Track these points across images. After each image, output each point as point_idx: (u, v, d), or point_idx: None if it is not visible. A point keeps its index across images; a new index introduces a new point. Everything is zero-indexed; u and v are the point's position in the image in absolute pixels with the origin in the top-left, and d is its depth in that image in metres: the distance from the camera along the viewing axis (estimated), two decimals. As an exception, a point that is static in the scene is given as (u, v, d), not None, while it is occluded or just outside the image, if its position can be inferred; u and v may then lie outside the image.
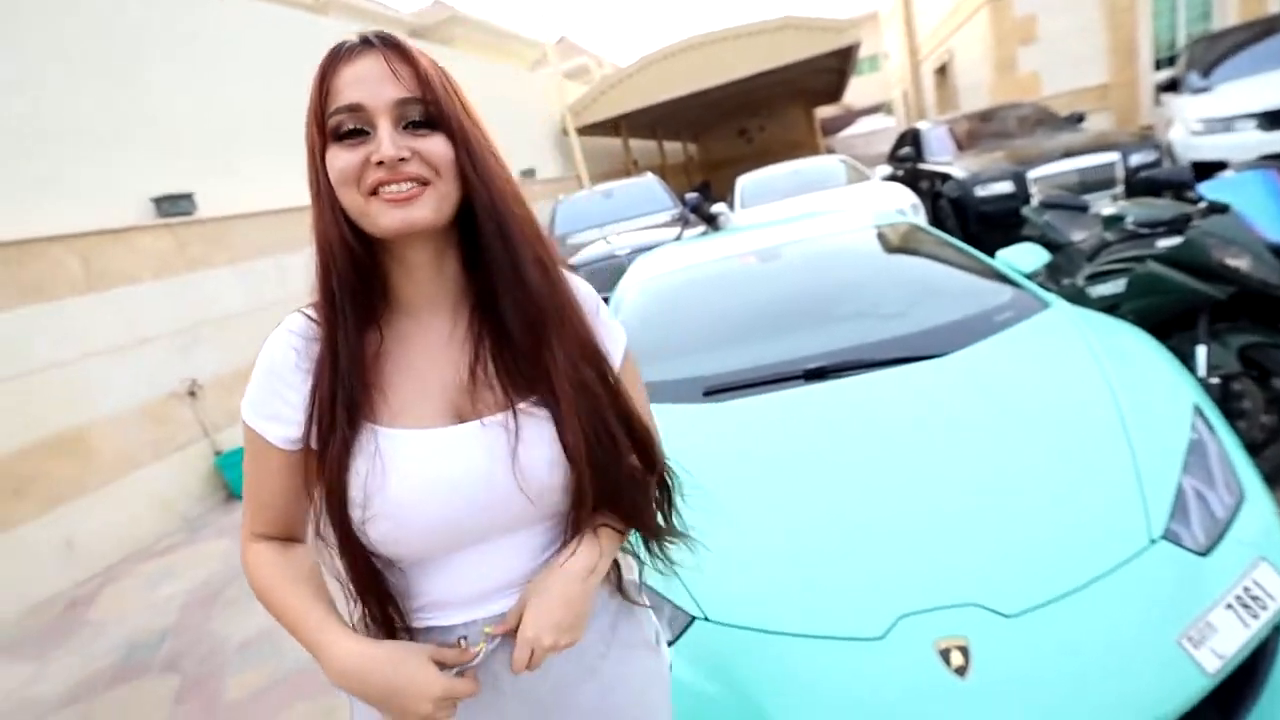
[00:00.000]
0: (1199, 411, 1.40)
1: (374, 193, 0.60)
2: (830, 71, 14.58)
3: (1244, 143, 4.88)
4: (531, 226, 0.66)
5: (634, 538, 0.78)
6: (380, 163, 0.59)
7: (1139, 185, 2.60)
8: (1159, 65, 8.80)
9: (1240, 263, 1.91)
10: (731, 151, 22.57)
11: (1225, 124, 5.12)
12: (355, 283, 0.63)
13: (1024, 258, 2.26)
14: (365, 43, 0.61)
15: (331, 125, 0.60)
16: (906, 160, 7.30)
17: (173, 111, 4.81)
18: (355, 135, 0.60)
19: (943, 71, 13.15)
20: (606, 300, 2.58)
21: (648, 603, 0.84)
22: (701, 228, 6.62)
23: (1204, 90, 5.61)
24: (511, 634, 0.67)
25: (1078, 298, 2.43)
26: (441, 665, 0.64)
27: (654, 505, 0.75)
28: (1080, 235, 2.84)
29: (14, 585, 3.45)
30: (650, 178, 8.06)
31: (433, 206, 0.61)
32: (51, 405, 3.73)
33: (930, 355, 1.73)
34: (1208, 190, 2.16)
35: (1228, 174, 2.31)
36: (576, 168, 12.10)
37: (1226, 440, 1.36)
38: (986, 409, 1.51)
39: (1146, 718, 1.00)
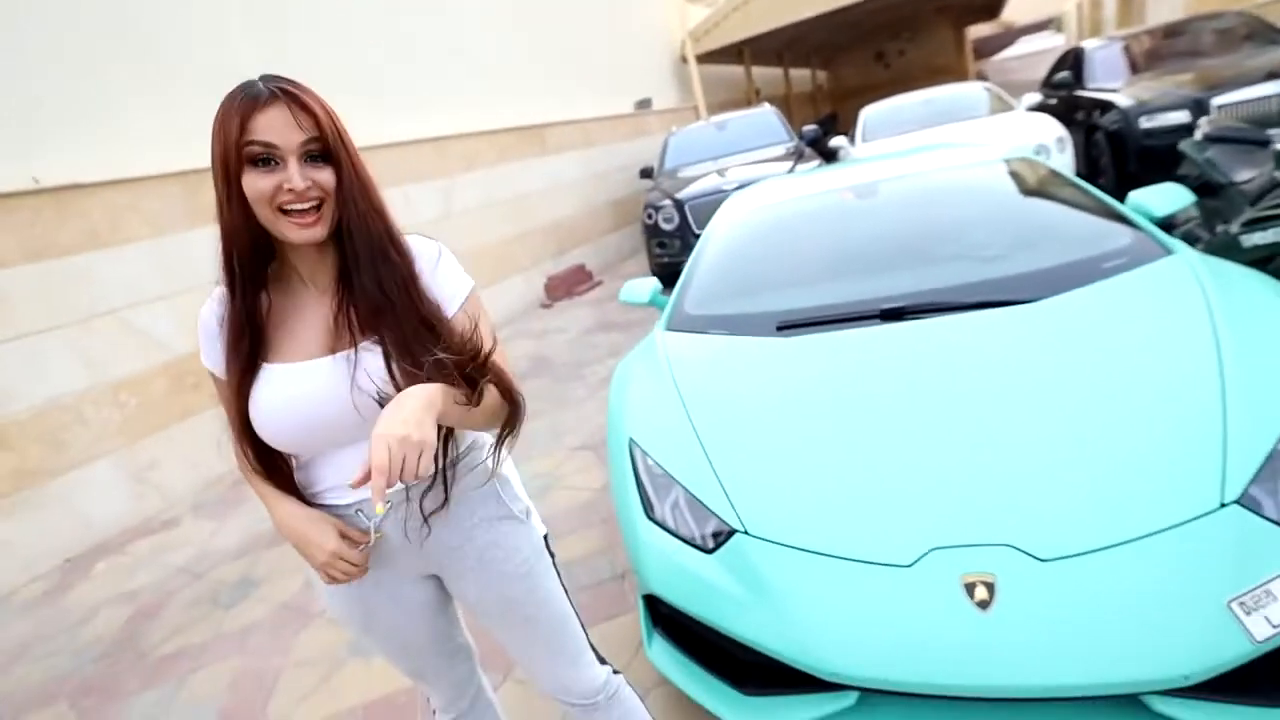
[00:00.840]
0: (1320, 376, 1.26)
1: (281, 210, 0.84)
2: (988, -17, 12.88)
3: None
4: (379, 232, 0.90)
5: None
6: (291, 189, 0.83)
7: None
8: None
9: None
10: (866, 79, 20.80)
11: None
12: (251, 263, 0.89)
13: (1159, 200, 2.02)
14: (273, 95, 0.82)
15: (249, 154, 0.82)
16: (1063, 86, 6.45)
17: (316, 54, 5.21)
18: (267, 164, 0.82)
19: (1129, -23, 11.23)
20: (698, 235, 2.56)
21: (507, 490, 1.08)
22: (817, 162, 6.32)
23: None
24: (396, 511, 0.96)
25: (1229, 247, 2.15)
26: (347, 539, 0.93)
27: (474, 385, 0.93)
28: (1248, 174, 2.46)
29: (199, 465, 4.19)
30: (767, 109, 7.72)
31: (327, 224, 0.87)
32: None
33: (1021, 300, 1.64)
34: None
35: None
36: (694, 98, 11.75)
37: (1348, 410, 1.22)
38: (1068, 357, 1.44)
39: (1174, 670, 0.99)
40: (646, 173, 7.63)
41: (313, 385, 0.90)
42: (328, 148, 0.85)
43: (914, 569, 1.18)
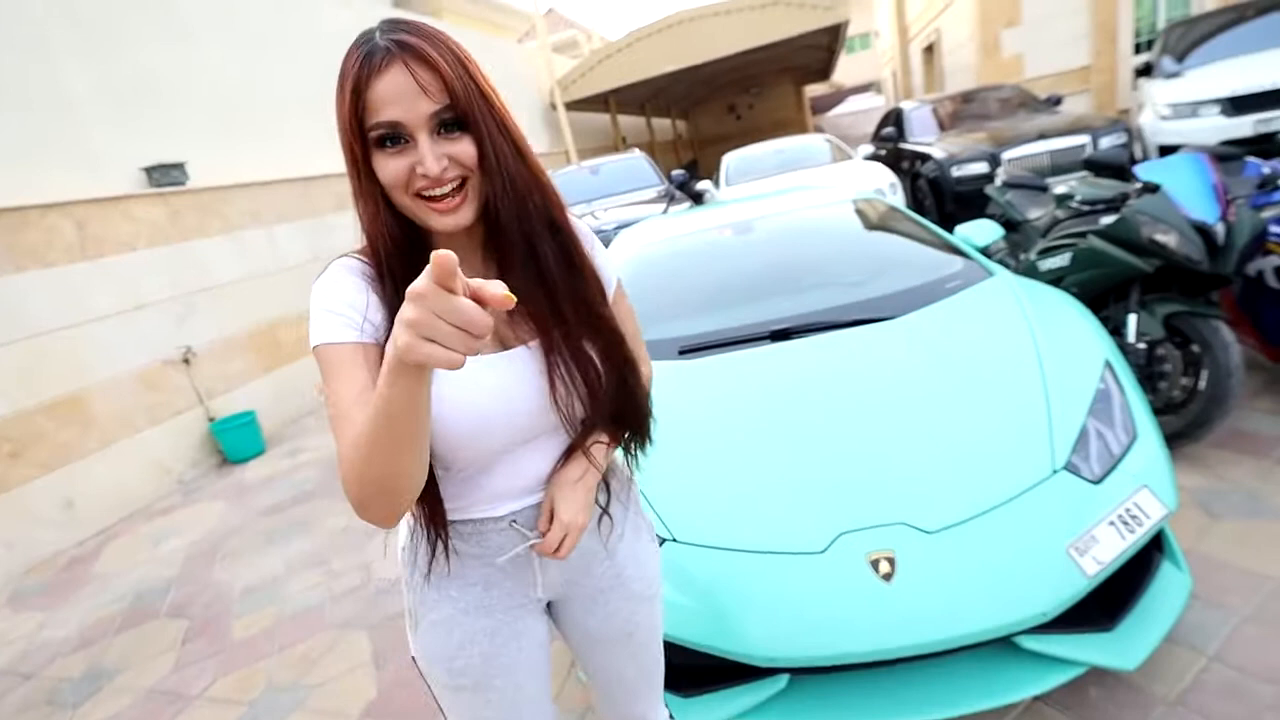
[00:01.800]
0: (1109, 366, 1.60)
1: (419, 194, 0.71)
2: (820, 49, 14.58)
3: (1207, 128, 5.07)
4: (542, 202, 0.77)
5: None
6: (425, 174, 0.69)
7: (1083, 166, 2.77)
8: (1139, 49, 8.96)
9: (1167, 239, 2.09)
10: (721, 128, 22.52)
11: (1191, 109, 5.30)
12: (399, 258, 0.75)
13: (979, 233, 2.45)
14: (388, 51, 0.67)
15: (374, 136, 0.70)
16: (889, 140, 7.44)
17: (165, 81, 4.83)
18: (396, 143, 0.70)
19: (930, 51, 13.24)
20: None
21: (640, 499, 1.03)
22: (687, 204, 6.74)
23: (1175, 75, 5.78)
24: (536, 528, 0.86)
25: (1030, 271, 2.62)
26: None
27: (643, 429, 0.90)
28: (1037, 213, 3.02)
29: (15, 544, 3.58)
30: (638, 154, 8.13)
31: (473, 207, 0.74)
32: (49, 370, 3.83)
33: (884, 318, 1.91)
34: (1141, 171, 2.34)
35: (1168, 157, 2.49)
36: (565, 143, 12.09)
37: (1129, 390, 1.56)
38: (926, 362, 1.70)
39: (1035, 610, 1.20)
40: (524, 214, 7.71)
41: (503, 380, 0.77)
42: (464, 113, 0.70)
43: (827, 554, 1.32)
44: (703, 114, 23.27)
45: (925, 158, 6.26)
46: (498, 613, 0.87)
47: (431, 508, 0.79)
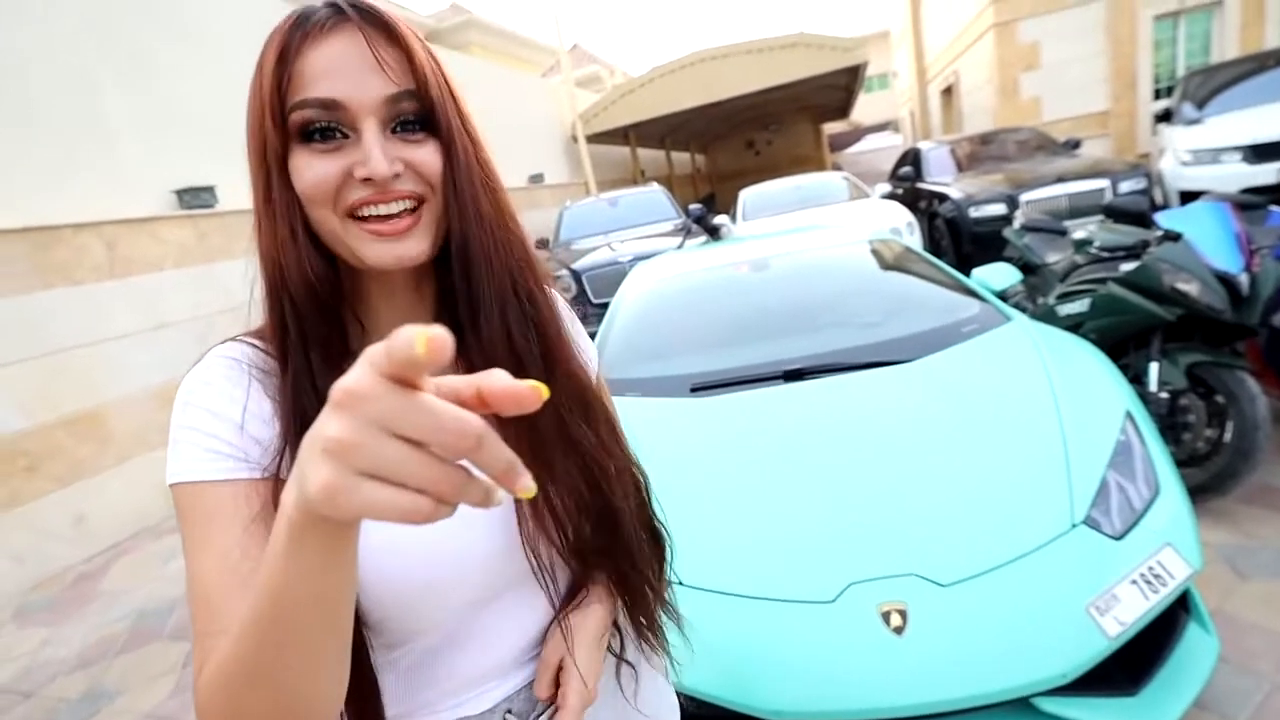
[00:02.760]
0: (1130, 416, 1.56)
1: (353, 213, 0.49)
2: (839, 89, 14.80)
3: (1229, 174, 5.05)
4: (514, 253, 0.55)
5: None
6: (367, 179, 0.47)
7: (1102, 212, 2.76)
8: (1158, 95, 9.00)
9: (1189, 288, 2.07)
10: (739, 164, 22.81)
11: (1213, 155, 5.30)
12: (315, 312, 0.50)
13: (996, 276, 2.44)
14: (338, 11, 0.48)
15: (296, 121, 0.48)
16: (906, 179, 7.49)
17: (198, 104, 5.01)
18: (327, 136, 0.48)
19: (949, 93, 13.39)
20: (606, 305, 2.71)
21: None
22: (703, 238, 6.80)
23: (1196, 122, 5.79)
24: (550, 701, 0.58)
25: (1048, 316, 2.59)
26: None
27: (660, 567, 0.67)
28: (1055, 257, 3.00)
29: (25, 558, 3.60)
30: (656, 188, 8.24)
31: (427, 238, 0.51)
32: (70, 386, 3.90)
33: (899, 360, 1.89)
34: (1163, 219, 2.33)
35: (1191, 205, 2.47)
36: (584, 174, 12.30)
37: (1151, 442, 1.52)
38: (942, 408, 1.68)
39: (1054, 670, 1.15)
40: (543, 243, 7.81)
41: (471, 531, 0.53)
42: (431, 109, 0.50)
43: (836, 604, 1.29)
44: (721, 149, 23.61)
45: (943, 198, 6.28)
46: None
47: (363, 708, 0.50)
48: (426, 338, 0.26)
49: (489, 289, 0.53)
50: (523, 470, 0.30)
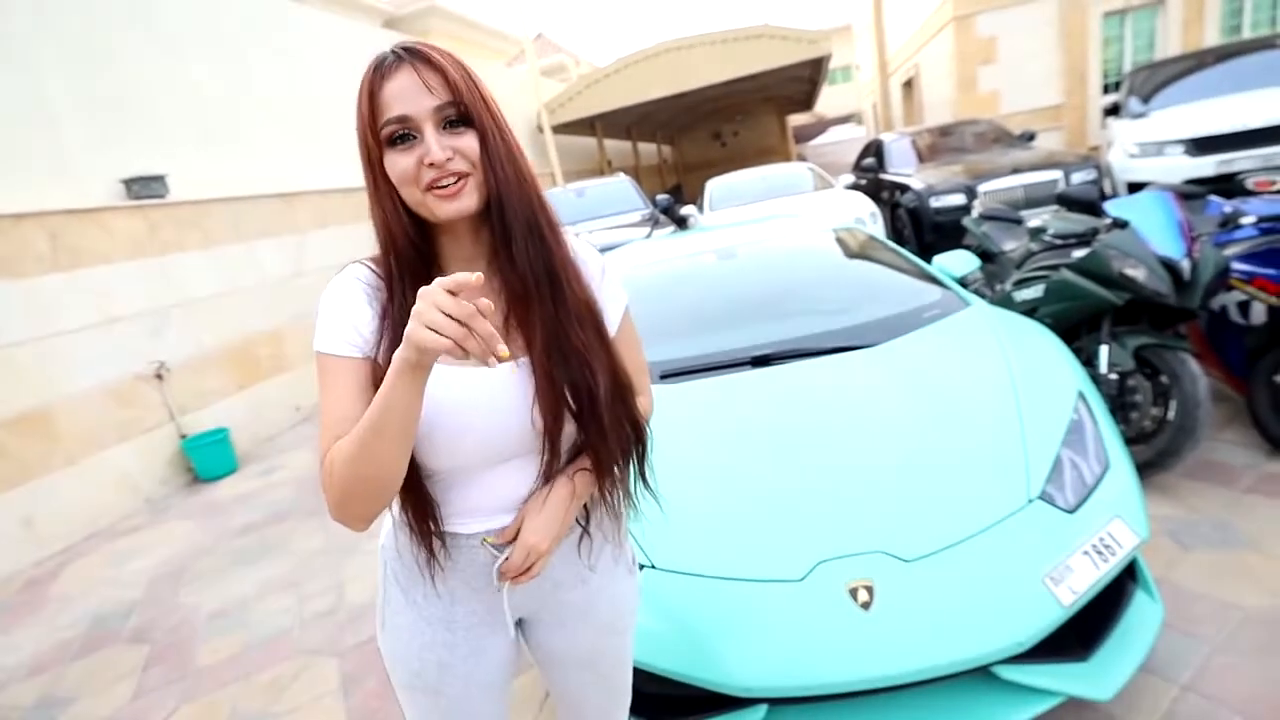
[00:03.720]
0: (1081, 396, 1.63)
1: (429, 188, 0.75)
2: (803, 80, 14.93)
3: (1172, 167, 5.26)
4: (529, 206, 0.79)
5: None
6: (431, 164, 0.73)
7: (1056, 201, 2.86)
8: (1107, 89, 9.31)
9: (1136, 273, 2.16)
10: (706, 155, 22.87)
11: (1158, 148, 5.51)
12: (411, 257, 0.79)
13: (956, 263, 2.50)
14: (398, 58, 0.74)
15: (385, 134, 0.74)
16: (870, 170, 7.61)
17: (146, 93, 4.80)
18: (405, 140, 0.74)
19: (910, 85, 13.63)
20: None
21: (629, 538, 1.01)
22: (671, 228, 6.81)
23: (1141, 116, 6.01)
24: (510, 542, 0.84)
25: (1005, 301, 2.68)
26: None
27: (626, 458, 0.87)
28: (1012, 245, 3.10)
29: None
30: (623, 178, 8.22)
31: (476, 195, 0.76)
32: (16, 383, 3.73)
33: (863, 345, 1.93)
34: (1111, 208, 2.42)
35: (1137, 194, 2.57)
36: (550, 165, 12.19)
37: (1102, 421, 1.59)
38: (904, 390, 1.72)
39: (1013, 640, 1.20)
40: (508, 234, 7.70)
41: (491, 392, 0.78)
42: (467, 110, 0.75)
43: (805, 582, 1.32)
44: (688, 140, 23.63)
45: (905, 188, 6.41)
46: (460, 629, 0.88)
47: (417, 506, 0.80)
48: (467, 274, 0.61)
49: (516, 225, 0.79)
50: (499, 342, 0.61)
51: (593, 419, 0.81)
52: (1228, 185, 3.42)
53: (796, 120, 25.54)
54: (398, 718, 1.14)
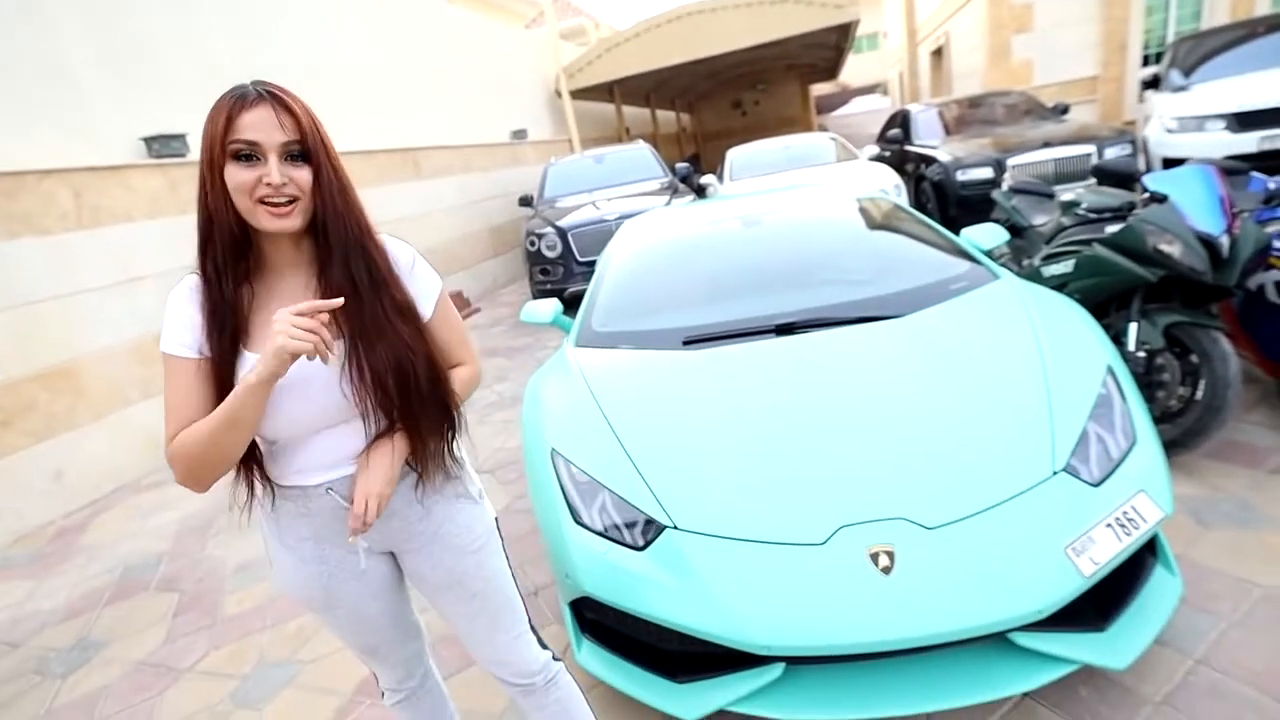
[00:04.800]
0: (1110, 371, 1.61)
1: (261, 200, 0.90)
2: (828, 48, 14.51)
3: (1213, 142, 5.08)
4: (354, 226, 0.97)
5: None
6: (269, 184, 0.89)
7: (1093, 174, 2.78)
8: (1147, 61, 8.97)
9: (1172, 249, 2.10)
10: (725, 123, 22.44)
11: (1198, 123, 5.32)
12: (231, 254, 0.94)
13: (984, 236, 2.45)
14: (259, 95, 0.90)
15: (232, 149, 0.89)
16: (895, 141, 7.44)
17: (169, 50, 4.77)
18: (249, 160, 0.89)
19: (939, 54, 13.22)
20: (592, 263, 2.67)
21: (463, 472, 1.16)
22: (690, 197, 6.73)
23: (1182, 89, 5.79)
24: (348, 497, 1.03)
25: (1034, 276, 2.63)
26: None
27: (439, 431, 1.04)
28: (1042, 219, 3.03)
29: (3, 513, 3.56)
30: (642, 145, 8.10)
31: (301, 218, 0.93)
32: (42, 339, 3.79)
33: (889, 316, 1.91)
34: (1150, 182, 2.35)
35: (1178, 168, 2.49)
36: (568, 131, 12.02)
37: (1130, 395, 1.57)
38: (931, 361, 1.71)
39: (1031, 607, 1.21)
40: (526, 200, 7.67)
41: (303, 373, 0.93)
42: (307, 149, 0.92)
43: (826, 546, 1.33)
44: (707, 108, 23.17)
45: (930, 160, 6.27)
46: (331, 561, 1.07)
47: (251, 473, 1.01)
48: (319, 302, 0.90)
49: (336, 246, 0.97)
50: (330, 348, 0.88)
51: (411, 397, 0.99)
52: (1272, 162, 3.30)
53: (819, 90, 24.92)
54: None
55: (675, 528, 1.44)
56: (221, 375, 0.94)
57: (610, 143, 12.58)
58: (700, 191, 7.10)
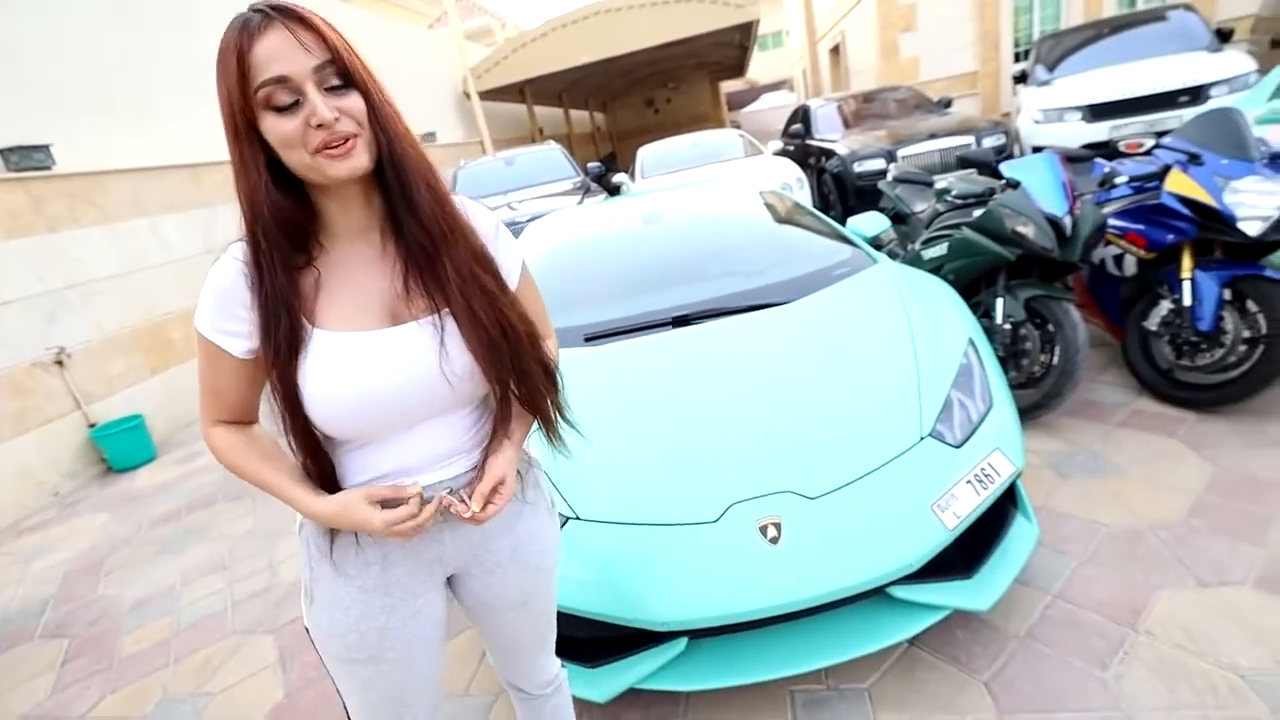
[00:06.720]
0: (971, 343, 1.78)
1: (318, 150, 0.72)
2: (733, 46, 14.92)
3: (1072, 132, 5.60)
4: (422, 162, 0.80)
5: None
6: (319, 125, 0.70)
7: (958, 163, 3.02)
8: (1018, 58, 9.73)
9: (1026, 230, 2.33)
10: (639, 122, 22.64)
11: (1059, 114, 5.84)
12: (278, 230, 0.75)
13: (867, 224, 2.63)
14: (266, 16, 0.70)
15: (262, 97, 0.70)
16: (797, 136, 7.75)
17: (29, 56, 4.37)
18: (287, 109, 0.71)
19: (837, 52, 13.84)
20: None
21: (542, 476, 1.06)
22: (603, 196, 6.78)
23: (1045, 83, 6.34)
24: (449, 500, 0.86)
25: (916, 260, 2.83)
26: (389, 504, 0.81)
27: (546, 400, 0.92)
28: (922, 206, 3.26)
29: None
30: (553, 146, 8.08)
31: (366, 154, 0.75)
32: (-110, 375, 3.42)
33: (777, 303, 2.03)
34: (1005, 169, 2.59)
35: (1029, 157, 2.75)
36: (479, 133, 11.82)
37: (988, 364, 1.74)
38: (812, 343, 1.83)
39: (904, 562, 1.33)
40: (437, 205, 7.47)
41: (393, 356, 0.79)
42: (346, 69, 0.73)
43: (719, 523, 1.41)
44: (621, 107, 23.31)
45: (830, 154, 6.57)
46: (396, 591, 0.89)
47: (319, 475, 0.83)
48: (402, 488, 0.83)
49: (414, 180, 0.79)
50: (443, 504, 0.84)
51: (518, 362, 0.85)
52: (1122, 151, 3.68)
53: (730, 86, 25.54)
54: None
55: (578, 518, 1.49)
56: (286, 367, 0.77)
57: (524, 144, 12.46)
58: (613, 190, 7.17)
